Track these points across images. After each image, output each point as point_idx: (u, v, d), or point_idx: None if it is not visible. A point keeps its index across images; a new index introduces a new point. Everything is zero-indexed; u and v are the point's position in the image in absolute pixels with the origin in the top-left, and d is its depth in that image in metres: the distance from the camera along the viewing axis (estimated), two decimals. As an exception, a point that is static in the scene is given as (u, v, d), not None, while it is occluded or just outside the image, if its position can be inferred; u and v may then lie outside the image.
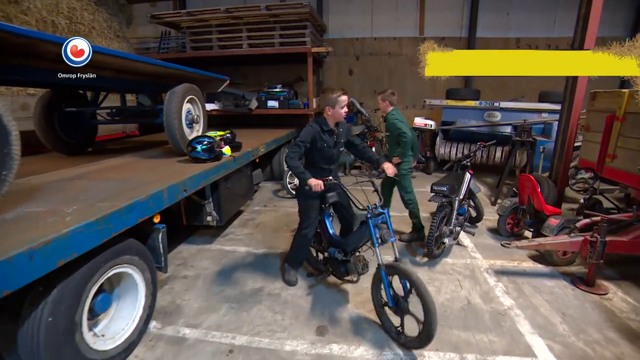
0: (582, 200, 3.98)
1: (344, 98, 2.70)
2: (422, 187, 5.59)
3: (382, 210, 2.49)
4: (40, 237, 1.54)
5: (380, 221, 2.47)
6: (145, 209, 2.28)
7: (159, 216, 2.53)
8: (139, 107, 4.38)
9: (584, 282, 3.10)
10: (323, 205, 2.97)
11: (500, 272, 3.36)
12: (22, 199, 2.17)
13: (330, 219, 3.09)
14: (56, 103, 3.76)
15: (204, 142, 3.40)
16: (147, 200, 2.30)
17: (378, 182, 3.03)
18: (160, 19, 7.09)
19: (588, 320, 2.65)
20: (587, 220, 3.22)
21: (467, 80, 8.81)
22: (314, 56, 7.17)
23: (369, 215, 2.48)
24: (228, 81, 4.96)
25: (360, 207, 2.67)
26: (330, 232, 3.01)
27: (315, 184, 2.57)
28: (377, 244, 2.42)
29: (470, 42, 8.56)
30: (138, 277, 2.35)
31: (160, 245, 2.59)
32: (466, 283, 3.17)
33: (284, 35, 6.95)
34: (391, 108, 3.81)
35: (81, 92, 4.04)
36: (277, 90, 7.29)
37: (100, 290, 2.11)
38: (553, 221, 3.38)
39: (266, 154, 5.35)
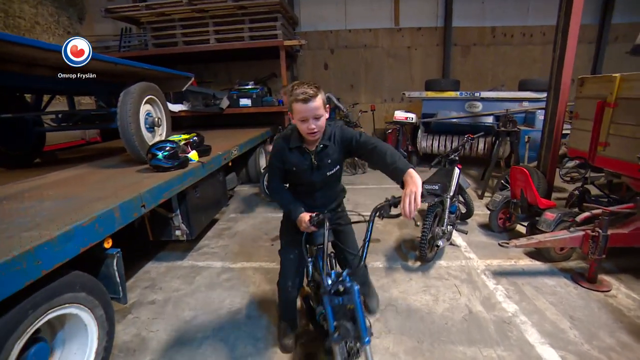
0: (576, 192, 3.83)
1: (299, 108, 1.64)
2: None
3: (348, 285, 1.54)
4: None
5: (341, 302, 1.54)
6: (90, 235, 1.87)
7: (110, 240, 2.11)
8: (90, 111, 3.86)
9: (585, 278, 2.92)
10: (315, 247, 2.04)
11: (498, 273, 3.14)
12: None
13: (328, 261, 1.99)
14: (-13, 109, 3.23)
15: (166, 148, 2.99)
16: (92, 224, 1.88)
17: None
18: (115, 13, 6.49)
19: (597, 323, 2.46)
20: (587, 214, 3.05)
21: (445, 70, 8.67)
22: (287, 50, 6.79)
23: (322, 290, 1.59)
24: (193, 79, 4.51)
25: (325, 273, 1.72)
26: (324, 283, 1.66)
27: (302, 222, 1.86)
28: (334, 338, 1.53)
29: (447, 32, 8.40)
30: (87, 317, 1.93)
31: (116, 273, 2.16)
32: (464, 288, 2.93)
33: (253, 28, 6.52)
34: None
35: (18, 94, 3.50)
36: (250, 87, 6.86)
37: (34, 339, 1.69)
38: (549, 215, 3.20)
39: (241, 155, 4.95)
